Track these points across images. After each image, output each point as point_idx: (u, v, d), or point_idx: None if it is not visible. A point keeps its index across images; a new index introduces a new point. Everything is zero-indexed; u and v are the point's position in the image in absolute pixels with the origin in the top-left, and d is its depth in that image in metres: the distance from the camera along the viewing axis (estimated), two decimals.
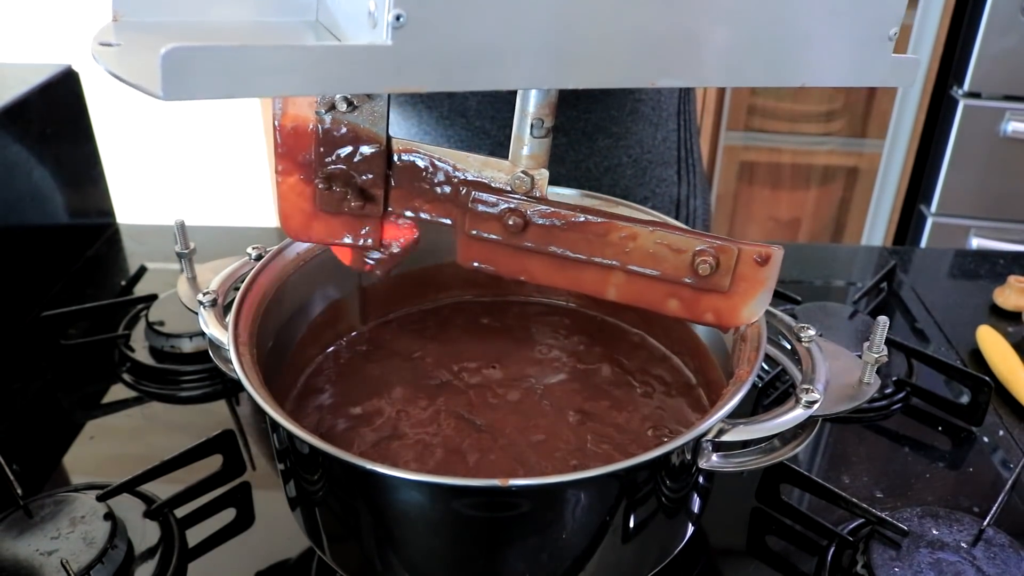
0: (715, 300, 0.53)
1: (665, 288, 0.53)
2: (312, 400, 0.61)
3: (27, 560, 0.53)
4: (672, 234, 0.52)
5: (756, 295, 0.52)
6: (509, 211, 0.53)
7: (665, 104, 0.91)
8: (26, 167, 0.88)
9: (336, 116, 0.51)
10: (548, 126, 0.51)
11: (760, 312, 0.53)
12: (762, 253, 0.51)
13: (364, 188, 0.53)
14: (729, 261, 0.51)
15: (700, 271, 0.51)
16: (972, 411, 0.71)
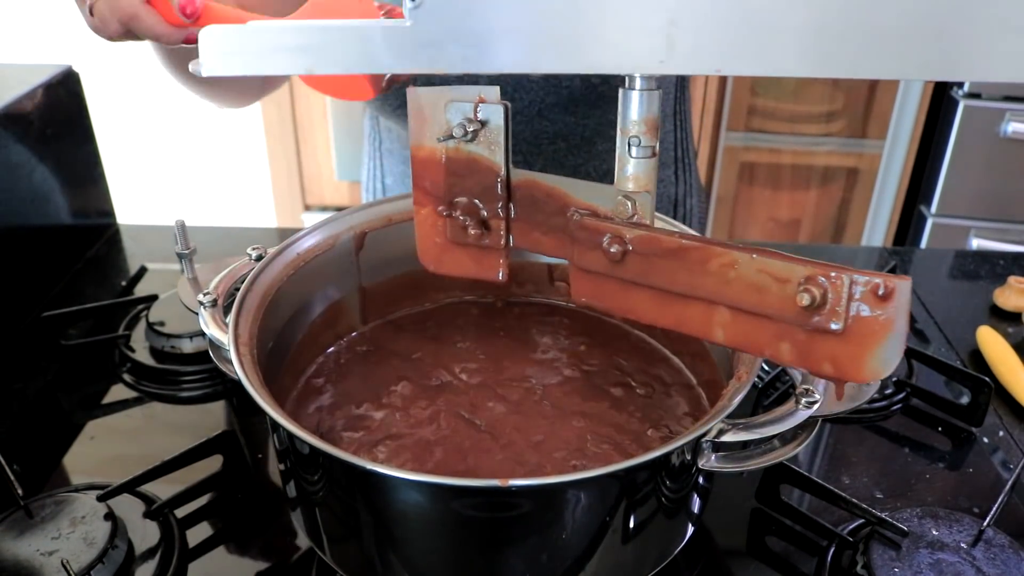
0: (831, 345, 0.44)
1: (774, 329, 0.45)
2: (312, 400, 0.61)
3: (28, 560, 0.53)
4: (774, 261, 0.45)
5: (881, 341, 0.42)
6: (610, 239, 0.49)
7: (662, 106, 0.91)
8: (26, 167, 0.88)
9: (457, 146, 0.51)
10: (649, 145, 0.47)
11: (891, 365, 0.43)
12: (885, 285, 0.42)
13: (485, 219, 0.53)
14: (839, 293, 0.43)
15: (802, 303, 0.43)
16: (972, 412, 0.71)
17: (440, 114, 0.52)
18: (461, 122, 0.51)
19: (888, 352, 0.42)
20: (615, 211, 0.49)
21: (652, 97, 0.47)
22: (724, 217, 2.21)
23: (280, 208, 2.37)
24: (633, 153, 0.48)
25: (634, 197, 0.49)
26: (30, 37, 2.15)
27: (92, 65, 1.43)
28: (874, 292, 0.42)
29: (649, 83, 0.46)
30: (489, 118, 0.51)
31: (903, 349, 0.42)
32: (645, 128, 0.47)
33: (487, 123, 0.51)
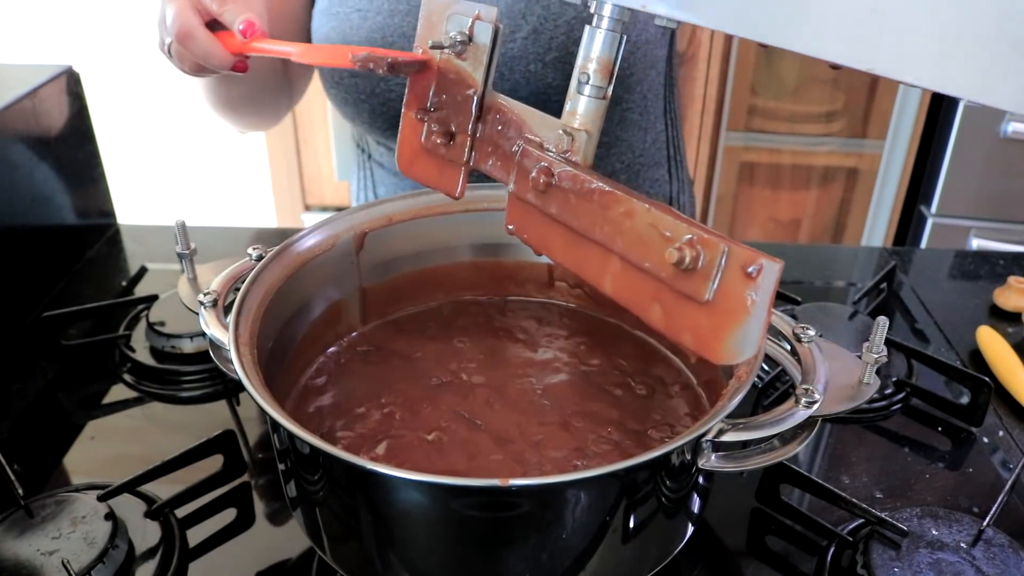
0: (696, 316, 0.44)
1: (652, 288, 0.46)
2: (313, 400, 0.61)
3: (28, 560, 0.53)
4: (664, 216, 0.45)
5: (741, 320, 0.42)
6: (539, 170, 0.51)
7: (652, 108, 0.92)
8: (27, 168, 0.88)
9: (449, 57, 0.54)
10: (597, 85, 0.49)
11: (747, 350, 0.43)
12: (755, 263, 0.41)
13: (453, 132, 0.55)
14: (713, 259, 0.42)
15: (671, 259, 0.43)
16: (972, 412, 0.71)
17: (443, 23, 0.54)
18: (454, 34, 0.53)
19: (746, 335, 0.42)
20: (555, 144, 0.51)
21: (612, 39, 0.49)
22: (724, 217, 2.21)
23: (280, 208, 2.37)
24: (581, 90, 0.50)
25: (573, 133, 0.50)
26: (30, 37, 2.15)
27: (92, 65, 1.43)
28: (743, 267, 0.41)
29: (614, 25, 0.48)
30: (478, 36, 0.53)
31: (761, 338, 0.42)
32: (598, 67, 0.49)
33: (475, 40, 0.53)
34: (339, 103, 0.88)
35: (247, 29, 0.61)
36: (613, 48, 0.49)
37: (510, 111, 0.54)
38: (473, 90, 0.54)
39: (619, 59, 0.49)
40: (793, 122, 2.07)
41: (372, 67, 0.53)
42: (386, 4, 0.80)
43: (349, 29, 0.82)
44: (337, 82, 0.85)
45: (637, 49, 0.83)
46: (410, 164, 0.59)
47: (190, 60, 0.64)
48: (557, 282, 0.72)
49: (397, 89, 0.82)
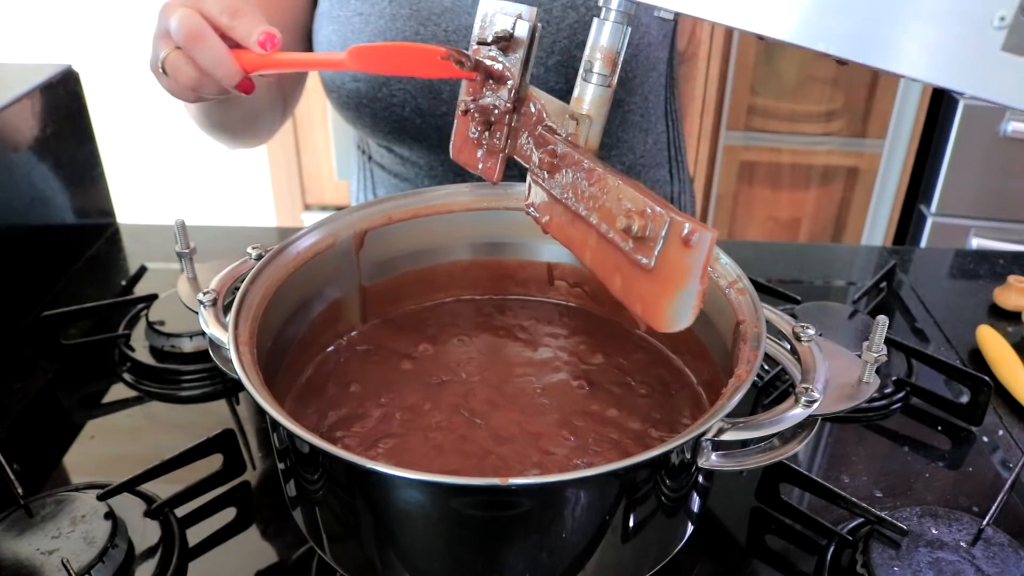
0: (644, 283, 0.48)
1: (616, 259, 0.50)
2: (312, 399, 0.61)
3: (28, 559, 0.53)
4: (628, 189, 0.49)
5: (678, 287, 0.46)
6: (546, 151, 0.55)
7: (653, 109, 0.92)
8: (26, 167, 0.88)
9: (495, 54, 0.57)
10: (602, 74, 0.52)
11: (684, 318, 0.46)
12: (691, 230, 0.44)
13: (492, 122, 0.59)
14: (658, 228, 0.46)
15: (619, 226, 0.48)
16: (971, 411, 0.71)
17: (492, 22, 0.58)
18: (498, 31, 0.57)
19: (682, 302, 0.46)
20: (562, 128, 0.55)
21: (618, 31, 0.51)
22: (724, 216, 2.21)
23: (280, 207, 2.37)
24: (587, 78, 0.52)
25: (577, 118, 0.54)
26: (30, 37, 2.15)
27: (92, 65, 1.43)
28: (680, 234, 0.45)
29: (620, 18, 0.51)
30: (519, 33, 0.57)
31: (697, 307, 0.45)
32: (601, 56, 0.51)
33: (516, 36, 0.57)
34: (340, 107, 0.88)
35: (267, 41, 0.57)
36: (618, 39, 0.51)
37: (538, 101, 0.58)
38: (512, 83, 0.58)
39: (624, 50, 0.52)
40: (793, 121, 2.07)
41: (459, 64, 0.56)
42: (388, 8, 0.80)
43: (350, 33, 0.82)
44: (339, 86, 0.85)
45: (639, 52, 0.83)
46: (459, 152, 0.63)
47: (189, 76, 0.59)
48: (557, 281, 0.72)
49: (399, 95, 0.82)
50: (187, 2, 0.59)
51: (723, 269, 0.59)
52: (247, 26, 0.58)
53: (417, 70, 0.56)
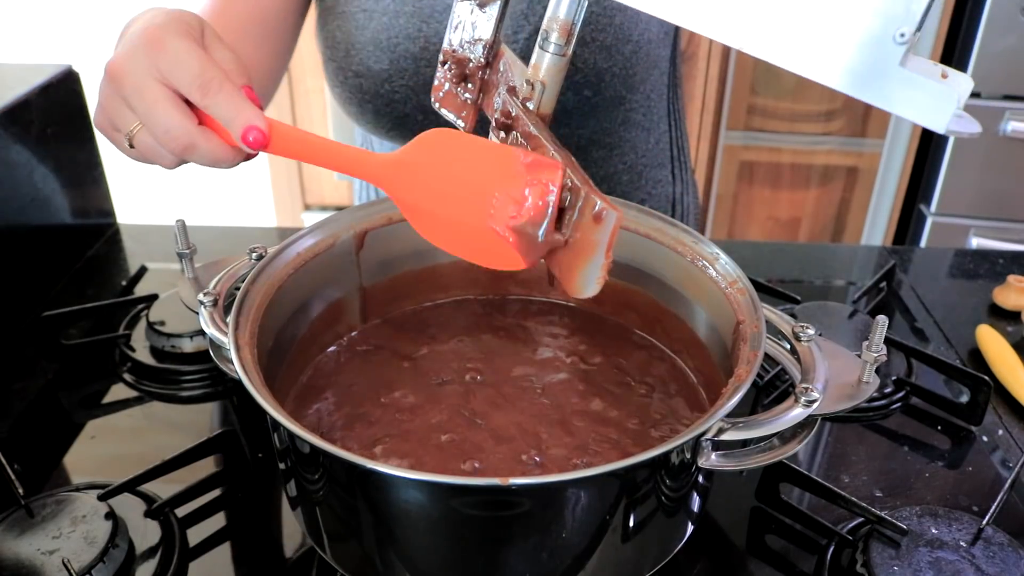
0: (564, 254, 0.51)
1: None
2: (313, 400, 0.61)
3: (29, 559, 0.54)
4: (561, 161, 0.51)
5: (587, 259, 0.49)
6: (502, 112, 0.57)
7: (655, 108, 0.92)
8: (27, 167, 0.88)
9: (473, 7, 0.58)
10: (557, 43, 0.53)
11: (589, 287, 0.50)
12: (600, 207, 0.48)
13: (467, 75, 0.60)
14: (575, 202, 0.50)
15: None
16: (971, 410, 0.71)
17: None
18: None
19: (590, 273, 0.49)
20: (521, 91, 0.56)
21: (573, 3, 0.52)
22: (724, 216, 2.21)
23: (280, 208, 2.37)
24: (545, 47, 0.54)
25: (533, 83, 0.55)
26: (30, 37, 2.15)
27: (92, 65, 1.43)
28: (592, 210, 0.48)
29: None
30: None
31: (602, 278, 0.49)
32: (557, 27, 0.53)
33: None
34: (343, 102, 0.88)
35: (256, 141, 0.50)
36: (573, 11, 0.53)
37: (508, 60, 0.59)
38: (485, 38, 0.59)
39: (579, 23, 0.53)
40: (793, 121, 2.07)
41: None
42: (392, 5, 0.80)
43: (355, 29, 0.82)
44: (342, 82, 0.85)
45: (639, 48, 0.83)
46: (441, 100, 0.63)
47: (168, 161, 0.53)
48: (557, 281, 0.72)
49: (401, 91, 0.82)
50: (148, 70, 0.50)
51: (723, 269, 0.59)
52: (226, 109, 0.51)
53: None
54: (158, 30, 0.51)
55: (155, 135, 0.51)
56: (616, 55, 0.82)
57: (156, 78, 0.51)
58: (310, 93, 2.17)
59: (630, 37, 0.81)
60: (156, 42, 0.50)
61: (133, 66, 0.51)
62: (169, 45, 0.50)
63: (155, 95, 0.50)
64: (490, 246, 0.53)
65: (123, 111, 0.52)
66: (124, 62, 0.51)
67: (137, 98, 0.51)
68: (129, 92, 0.51)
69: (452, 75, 0.61)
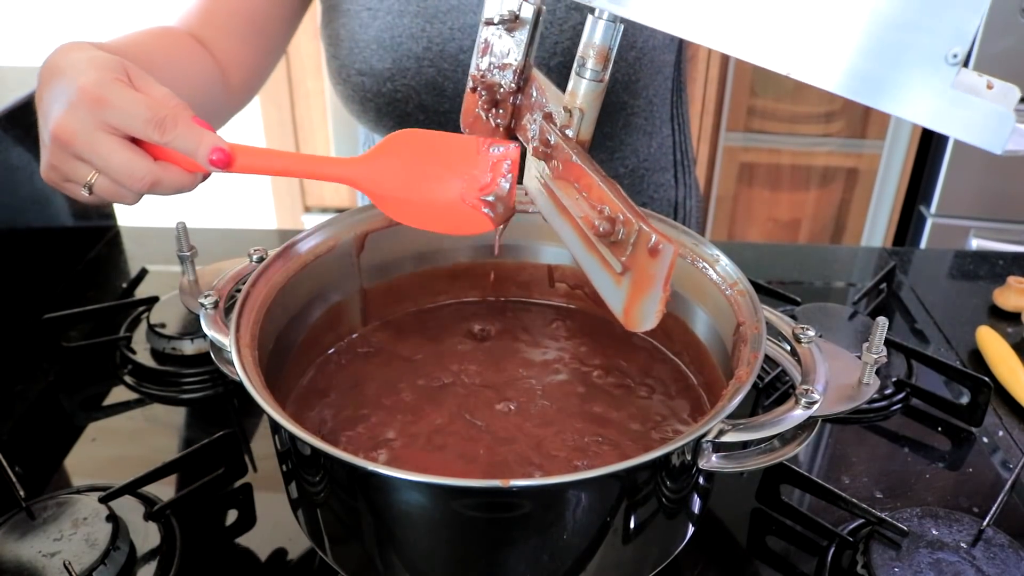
0: (615, 284, 0.51)
1: (594, 255, 0.52)
2: (314, 402, 0.61)
3: (30, 562, 0.54)
4: (608, 194, 0.50)
5: (645, 293, 0.48)
6: (540, 139, 0.57)
7: (658, 112, 0.92)
8: (28, 170, 0.88)
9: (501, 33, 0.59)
10: (594, 69, 0.53)
11: (648, 321, 0.49)
12: (655, 241, 0.47)
13: (498, 101, 0.60)
14: (628, 235, 0.49)
15: (598, 228, 0.50)
16: (972, 412, 0.71)
17: (500, 3, 0.59)
18: (504, 12, 0.58)
19: (648, 306, 0.48)
20: (559, 118, 0.56)
21: (609, 28, 0.52)
22: (724, 217, 2.21)
23: (280, 210, 2.37)
24: (581, 73, 0.53)
25: (571, 110, 0.55)
26: (30, 39, 2.15)
27: None
28: (647, 244, 0.47)
29: (612, 16, 0.52)
30: (524, 13, 0.58)
31: (660, 311, 0.48)
32: (594, 53, 0.52)
33: (520, 17, 0.58)
34: (345, 100, 0.88)
35: (221, 160, 0.52)
36: (610, 37, 0.52)
37: (540, 84, 0.59)
38: (516, 63, 0.59)
39: (616, 46, 0.53)
40: (793, 122, 2.07)
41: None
42: (396, 4, 0.80)
43: (358, 27, 0.82)
44: (344, 80, 0.85)
45: (643, 55, 0.83)
46: (470, 125, 0.64)
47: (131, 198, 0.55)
48: (557, 283, 0.72)
49: (403, 90, 0.82)
50: (96, 125, 0.52)
51: (723, 271, 0.59)
52: (186, 141, 0.52)
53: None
54: (93, 88, 0.52)
55: (118, 180, 0.53)
56: (619, 61, 0.82)
57: (105, 131, 0.52)
58: (311, 95, 2.17)
59: (634, 43, 0.81)
60: (97, 100, 0.52)
61: (79, 125, 0.52)
62: (110, 98, 0.52)
63: (110, 146, 0.52)
64: (459, 217, 0.59)
65: (76, 165, 0.54)
66: (68, 123, 0.52)
67: (91, 153, 0.52)
68: (81, 149, 0.52)
69: (483, 101, 0.61)
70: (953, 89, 0.35)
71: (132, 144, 0.53)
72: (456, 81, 0.82)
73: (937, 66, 0.35)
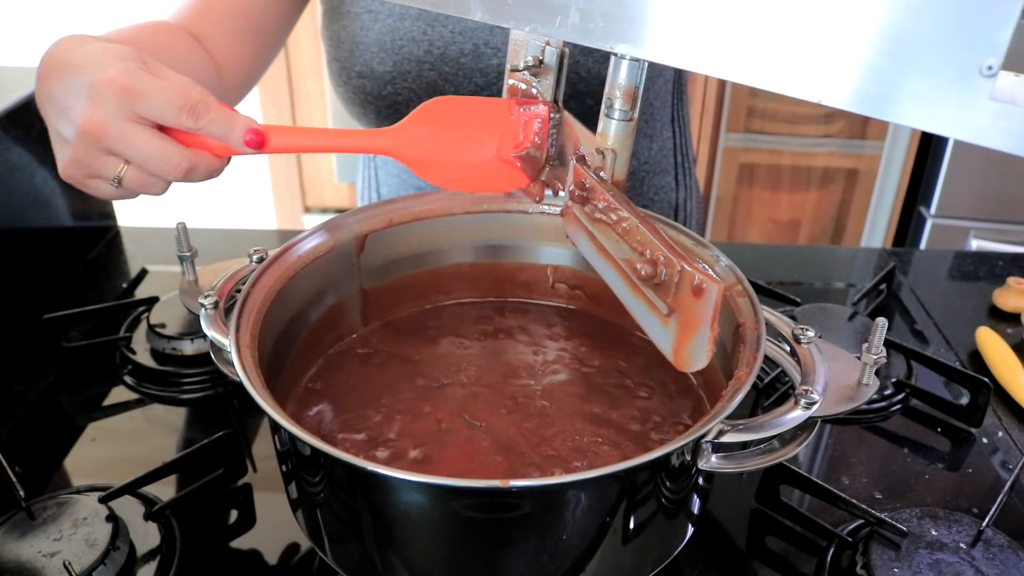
0: (662, 325, 0.51)
1: (638, 297, 0.52)
2: (313, 402, 0.61)
3: (30, 562, 0.54)
4: (648, 235, 0.50)
5: (694, 334, 0.48)
6: (576, 182, 0.57)
7: (658, 115, 0.92)
8: (28, 170, 0.89)
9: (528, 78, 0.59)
10: (622, 109, 0.53)
11: (699, 361, 0.48)
12: (699, 280, 0.46)
13: (531, 147, 0.60)
14: (671, 276, 0.48)
15: (640, 273, 0.50)
16: (971, 412, 0.71)
17: (523, 49, 0.59)
18: (528, 58, 0.58)
19: (697, 346, 0.48)
20: (593, 160, 0.56)
21: (634, 68, 0.52)
22: (723, 218, 2.21)
23: (280, 210, 2.38)
24: (610, 114, 0.53)
25: (604, 151, 0.54)
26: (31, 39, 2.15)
27: None
28: (691, 284, 0.47)
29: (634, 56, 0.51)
30: (548, 59, 0.58)
31: (710, 350, 0.47)
32: (620, 93, 0.52)
33: (545, 62, 0.58)
34: (346, 102, 0.88)
35: (255, 140, 0.53)
36: (636, 75, 0.52)
37: (571, 127, 0.59)
38: (544, 107, 0.59)
39: (642, 85, 0.53)
40: (792, 123, 2.07)
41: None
42: (397, 7, 0.80)
43: (359, 29, 0.82)
44: (345, 82, 0.85)
45: None
46: None
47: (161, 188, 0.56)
48: (557, 284, 0.72)
49: (403, 92, 0.82)
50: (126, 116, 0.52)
51: (723, 271, 0.59)
52: (219, 125, 0.53)
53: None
54: (122, 78, 0.52)
55: (153, 169, 0.53)
56: None
57: (136, 121, 0.52)
58: (311, 96, 2.17)
59: None
60: (127, 90, 0.51)
61: (109, 118, 0.52)
62: (141, 88, 0.52)
63: (143, 137, 0.52)
64: (494, 175, 0.60)
65: (104, 160, 0.53)
66: (97, 116, 0.52)
67: (125, 145, 0.52)
68: (114, 142, 0.52)
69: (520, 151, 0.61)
70: (992, 101, 0.35)
71: (164, 135, 0.53)
72: (457, 85, 0.82)
73: (972, 80, 0.35)
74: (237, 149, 0.54)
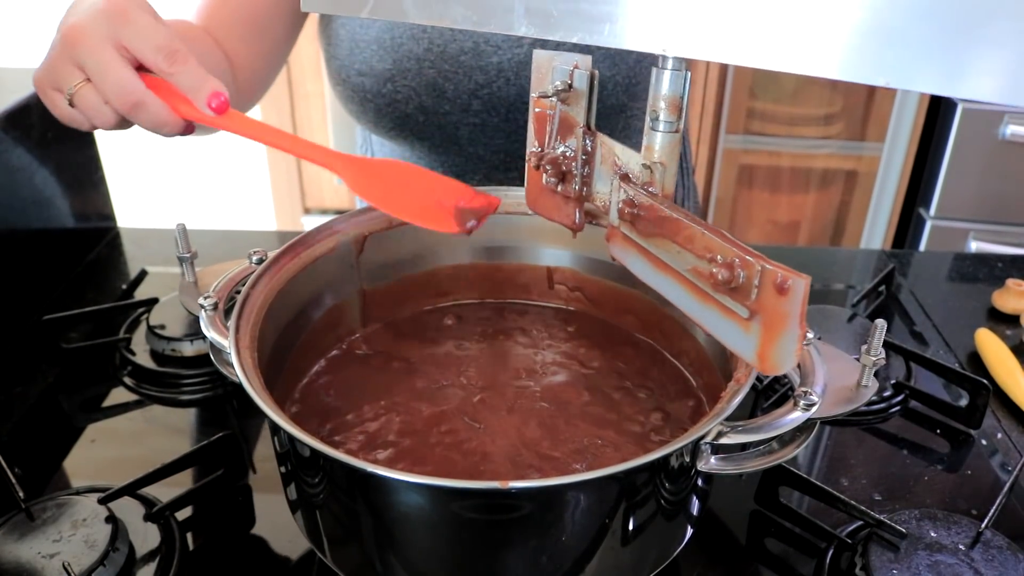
0: (742, 331, 0.49)
1: (710, 306, 0.50)
2: (313, 403, 0.61)
3: (29, 563, 0.54)
4: (716, 240, 0.49)
5: (780, 334, 0.46)
6: (625, 201, 0.55)
7: None
8: (28, 171, 0.89)
9: (555, 103, 0.58)
10: (668, 121, 0.52)
11: (787, 362, 0.46)
12: (784, 278, 0.45)
13: (565, 172, 0.59)
14: (750, 278, 0.47)
15: (718, 278, 0.48)
16: (970, 414, 0.71)
17: (549, 74, 0.58)
18: (557, 83, 0.57)
19: (785, 347, 0.46)
20: (638, 177, 0.55)
21: (676, 78, 0.51)
22: (723, 220, 2.21)
23: (280, 211, 2.38)
24: (655, 126, 0.52)
25: (651, 166, 0.53)
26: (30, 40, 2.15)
27: None
28: (774, 282, 0.45)
29: (677, 65, 0.51)
30: (578, 83, 0.57)
31: (799, 350, 0.45)
32: (665, 104, 0.51)
33: (575, 87, 0.57)
34: (345, 101, 0.88)
35: (220, 106, 0.53)
36: (678, 85, 0.51)
37: (606, 147, 0.58)
38: (578, 131, 0.58)
39: (687, 96, 0.52)
40: (792, 125, 2.07)
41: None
42: None
43: (359, 27, 0.82)
44: (343, 80, 0.85)
45: (644, 57, 0.83)
46: (535, 203, 0.63)
47: (107, 119, 0.55)
48: (557, 285, 0.72)
49: (403, 91, 0.82)
50: (107, 36, 0.52)
51: None
52: (191, 78, 0.53)
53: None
54: (122, 3, 0.53)
55: (104, 91, 0.53)
56: (620, 64, 0.82)
57: (114, 44, 0.52)
58: (310, 97, 2.17)
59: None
60: (120, 13, 0.52)
61: (92, 31, 0.52)
62: (133, 16, 0.53)
63: (111, 56, 0.53)
64: (427, 212, 0.58)
65: (70, 70, 0.53)
66: (83, 27, 0.52)
67: (91, 59, 0.52)
68: (84, 53, 0.52)
69: (549, 175, 0.59)
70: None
71: (132, 67, 0.53)
72: (456, 83, 0.82)
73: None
74: (198, 107, 0.54)
